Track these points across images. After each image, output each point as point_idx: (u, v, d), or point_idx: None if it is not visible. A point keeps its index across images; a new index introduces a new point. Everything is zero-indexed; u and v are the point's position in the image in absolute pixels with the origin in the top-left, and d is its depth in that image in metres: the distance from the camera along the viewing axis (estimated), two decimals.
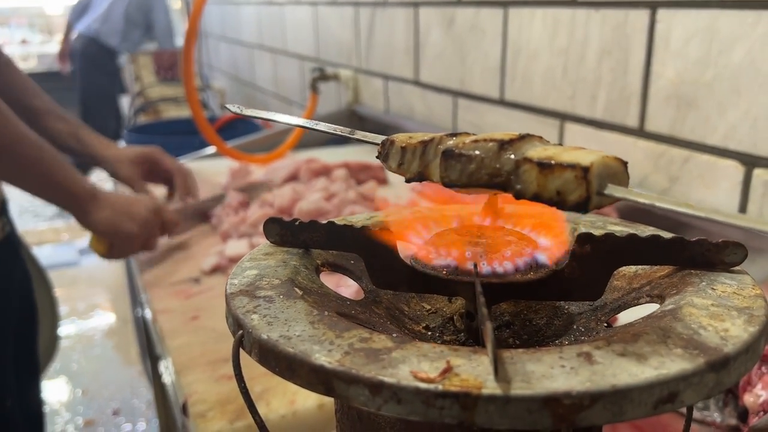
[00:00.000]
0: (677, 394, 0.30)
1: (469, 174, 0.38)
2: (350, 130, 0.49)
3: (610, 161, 0.35)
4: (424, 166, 0.41)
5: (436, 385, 0.30)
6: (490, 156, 0.38)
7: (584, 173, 0.34)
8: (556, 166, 0.35)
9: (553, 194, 0.35)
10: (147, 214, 1.20)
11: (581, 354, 0.32)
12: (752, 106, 0.95)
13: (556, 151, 0.36)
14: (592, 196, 0.35)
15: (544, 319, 0.44)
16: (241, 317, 0.37)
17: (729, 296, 0.38)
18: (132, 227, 1.18)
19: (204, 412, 0.76)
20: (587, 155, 0.35)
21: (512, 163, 0.37)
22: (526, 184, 0.36)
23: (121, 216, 1.18)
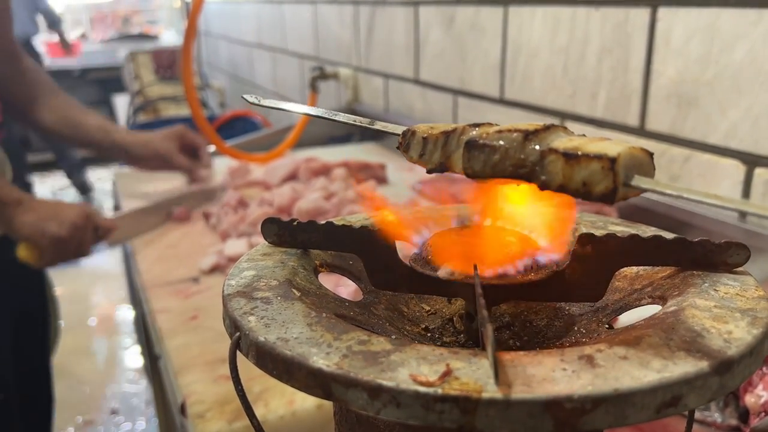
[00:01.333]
0: (680, 397, 0.30)
1: (493, 165, 0.38)
2: (370, 121, 0.48)
3: (637, 152, 0.35)
4: (446, 156, 0.41)
5: (436, 388, 0.29)
6: (514, 146, 0.37)
7: (611, 164, 0.34)
8: (583, 156, 0.34)
9: (579, 185, 0.35)
10: (75, 218, 1.18)
11: (583, 357, 0.31)
12: (753, 104, 0.95)
13: (581, 142, 0.36)
14: (618, 187, 0.34)
15: (545, 321, 0.43)
16: (239, 319, 0.36)
17: (732, 298, 0.37)
18: (58, 230, 1.16)
19: (202, 413, 0.75)
20: (614, 146, 0.34)
21: (537, 154, 0.36)
22: (552, 175, 0.36)
23: (47, 220, 1.16)
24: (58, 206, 1.20)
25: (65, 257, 1.21)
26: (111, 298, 3.55)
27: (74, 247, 1.20)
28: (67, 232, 1.17)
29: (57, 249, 1.18)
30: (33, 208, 1.17)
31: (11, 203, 1.15)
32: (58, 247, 1.18)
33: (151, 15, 7.14)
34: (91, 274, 3.81)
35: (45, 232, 1.16)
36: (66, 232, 1.17)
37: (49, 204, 1.20)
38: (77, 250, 1.21)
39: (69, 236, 1.17)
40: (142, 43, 5.36)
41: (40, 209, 1.17)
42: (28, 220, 1.16)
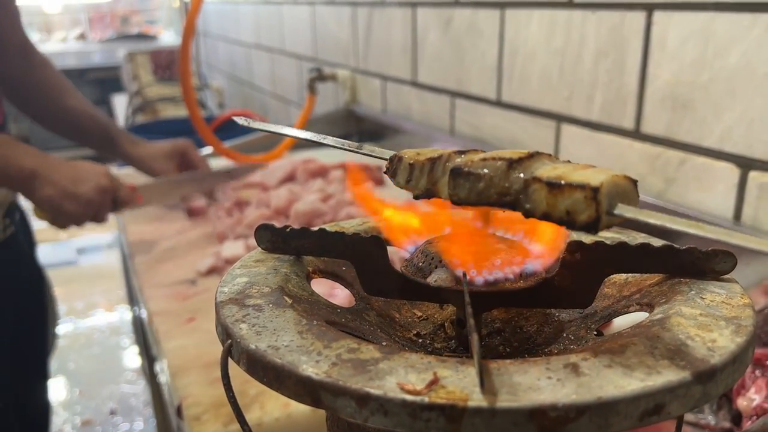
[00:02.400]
0: (663, 405, 0.30)
1: (477, 192, 0.38)
2: (358, 145, 0.48)
3: (620, 180, 0.35)
4: (432, 183, 0.41)
5: (422, 397, 0.30)
6: (498, 175, 0.37)
7: (594, 193, 0.34)
8: (566, 186, 0.35)
9: (563, 214, 0.35)
10: (92, 194, 1.20)
11: (568, 365, 0.32)
12: (748, 108, 0.95)
13: (565, 170, 0.36)
14: (602, 216, 0.34)
15: (535, 327, 0.44)
16: (230, 326, 0.37)
17: (718, 305, 0.38)
18: (74, 208, 1.19)
19: (198, 415, 0.76)
20: (597, 174, 0.35)
21: (521, 183, 0.37)
22: (536, 204, 0.36)
23: (64, 196, 1.18)
24: (77, 178, 1.21)
25: (81, 223, 1.25)
26: (110, 298, 3.55)
27: (91, 216, 1.23)
28: (83, 208, 1.20)
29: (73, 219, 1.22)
30: (50, 181, 1.18)
31: (25, 179, 1.17)
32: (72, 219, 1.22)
33: (150, 15, 7.13)
34: (90, 274, 3.82)
35: (61, 210, 1.19)
36: (82, 209, 1.20)
37: (67, 175, 1.20)
38: (94, 218, 1.24)
39: (85, 211, 1.21)
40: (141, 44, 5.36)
41: (57, 183, 1.18)
42: (44, 194, 1.17)
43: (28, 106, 1.49)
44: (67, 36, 6.41)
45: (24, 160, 1.18)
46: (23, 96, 1.47)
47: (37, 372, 1.71)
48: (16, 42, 1.41)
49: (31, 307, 1.58)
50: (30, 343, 1.60)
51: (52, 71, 1.50)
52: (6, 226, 1.37)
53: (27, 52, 1.44)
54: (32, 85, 1.46)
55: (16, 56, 1.41)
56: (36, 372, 1.70)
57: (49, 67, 1.50)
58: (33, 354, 1.64)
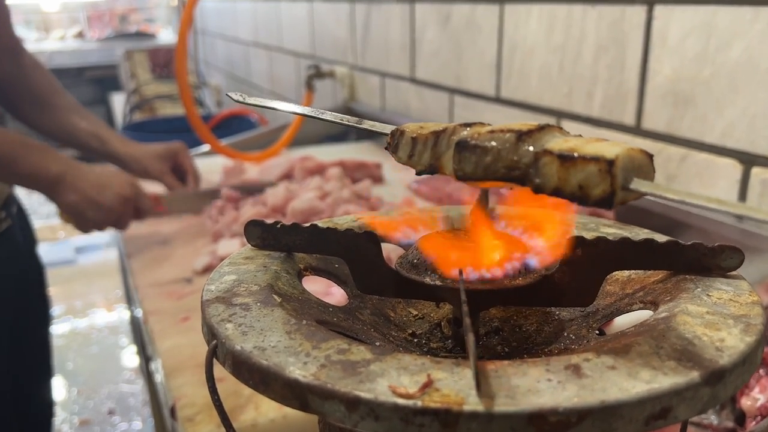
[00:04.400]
0: (670, 409, 0.29)
1: (484, 167, 0.36)
2: (358, 120, 0.46)
3: (636, 153, 0.33)
4: (436, 157, 0.39)
5: (415, 401, 0.28)
6: (507, 148, 0.36)
7: (609, 167, 0.32)
8: (579, 159, 0.33)
9: (575, 189, 0.33)
10: (115, 202, 1.22)
11: (569, 367, 0.30)
12: (750, 103, 0.94)
13: (577, 143, 0.34)
14: (617, 191, 0.32)
15: (534, 326, 0.42)
16: (216, 326, 0.35)
17: (725, 303, 0.36)
18: (97, 215, 1.21)
19: (192, 416, 0.74)
20: (611, 147, 0.33)
21: (531, 156, 0.35)
22: (546, 178, 0.34)
23: (87, 203, 1.20)
24: (102, 185, 1.22)
25: (103, 229, 1.27)
26: (108, 297, 3.53)
27: (112, 223, 1.25)
28: (105, 216, 1.22)
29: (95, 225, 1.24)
30: (74, 188, 1.20)
31: (51, 183, 1.19)
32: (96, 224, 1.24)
33: (148, 13, 7.12)
34: (88, 273, 3.80)
35: (84, 216, 1.21)
36: (104, 217, 1.22)
37: (92, 183, 1.22)
38: (116, 225, 1.26)
39: (107, 218, 1.23)
40: (139, 42, 5.34)
41: (82, 190, 1.20)
42: (68, 200, 1.20)
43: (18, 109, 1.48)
44: (65, 34, 6.39)
45: (52, 165, 1.19)
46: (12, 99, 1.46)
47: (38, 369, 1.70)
48: (5, 44, 1.40)
49: (29, 303, 1.57)
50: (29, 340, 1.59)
51: (42, 73, 1.48)
52: (2, 220, 1.36)
53: (16, 53, 1.42)
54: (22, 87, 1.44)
55: (5, 58, 1.39)
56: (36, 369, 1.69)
57: (39, 69, 1.48)
58: (32, 351, 1.63)
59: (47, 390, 1.74)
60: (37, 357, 1.66)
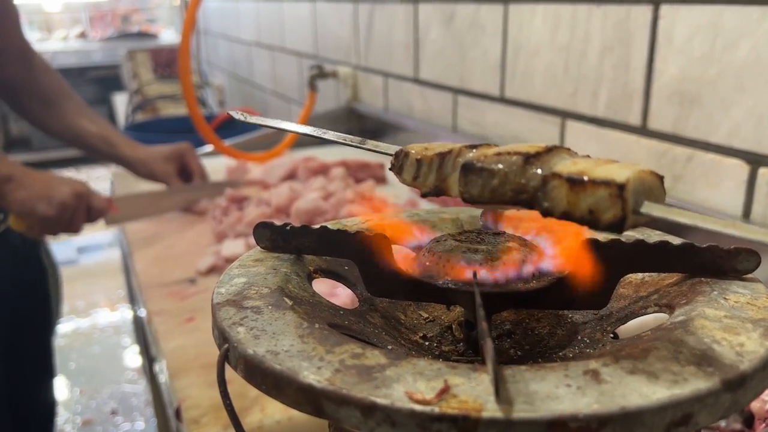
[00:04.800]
0: (691, 416, 0.28)
1: (491, 189, 0.35)
2: (360, 140, 0.46)
3: (647, 176, 0.33)
4: (441, 179, 0.39)
5: (433, 407, 0.28)
6: (514, 171, 0.35)
7: (619, 191, 0.31)
8: (589, 182, 0.32)
9: (585, 213, 0.33)
10: (66, 198, 1.19)
11: (588, 372, 0.30)
12: (757, 103, 0.93)
13: (587, 166, 0.33)
14: (628, 215, 0.32)
15: (547, 329, 0.42)
16: (227, 330, 0.35)
17: (742, 307, 0.36)
18: (47, 210, 1.17)
19: (197, 418, 0.74)
20: (621, 170, 0.32)
21: (539, 179, 0.34)
22: (555, 202, 0.34)
23: (37, 199, 1.17)
24: (51, 184, 1.20)
25: (54, 232, 1.23)
26: (110, 297, 3.53)
27: (64, 224, 1.21)
28: (56, 211, 1.18)
29: (46, 226, 1.20)
30: (24, 184, 1.17)
31: (2, 180, 1.16)
32: (47, 224, 1.19)
33: (150, 14, 7.12)
34: (90, 273, 3.80)
35: (34, 211, 1.17)
36: (55, 212, 1.18)
37: (41, 180, 1.19)
38: (67, 227, 1.22)
39: (58, 215, 1.18)
40: (141, 42, 5.34)
41: (31, 186, 1.17)
42: (19, 197, 1.16)
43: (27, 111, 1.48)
44: (67, 35, 6.39)
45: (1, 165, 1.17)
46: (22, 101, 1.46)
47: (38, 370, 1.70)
48: (15, 46, 1.40)
49: (28, 304, 1.57)
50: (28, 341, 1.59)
51: (51, 75, 1.49)
52: None
53: (26, 56, 1.43)
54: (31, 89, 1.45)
55: (15, 61, 1.40)
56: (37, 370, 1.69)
57: (49, 71, 1.49)
58: (32, 351, 1.63)
59: (48, 391, 1.74)
60: (37, 358, 1.66)
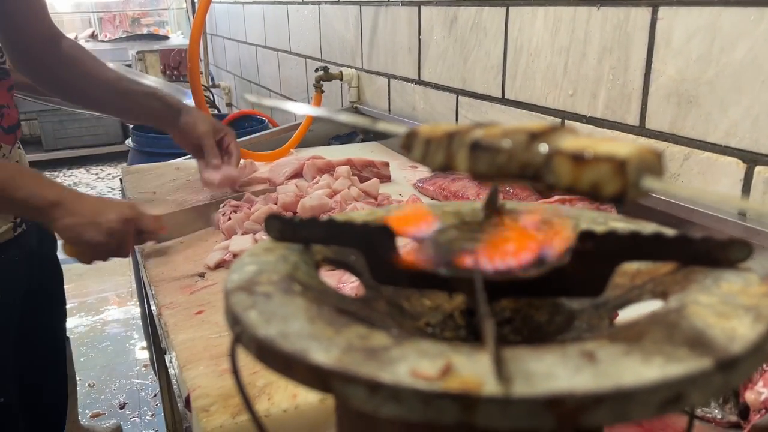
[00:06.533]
0: (684, 394, 0.29)
1: (498, 166, 0.37)
2: (372, 120, 0.47)
3: (647, 153, 0.34)
4: (450, 157, 0.40)
5: (436, 384, 0.29)
6: (520, 148, 0.36)
7: (621, 166, 0.33)
8: (592, 158, 0.34)
9: (588, 187, 0.34)
10: (115, 223, 1.16)
11: (584, 353, 0.31)
12: (754, 103, 0.95)
13: (589, 143, 0.35)
14: (629, 189, 0.33)
15: (546, 316, 0.43)
16: (239, 314, 0.36)
17: (735, 294, 0.37)
18: (96, 236, 1.15)
19: (207, 407, 0.75)
20: (623, 147, 0.34)
21: (544, 155, 0.36)
22: (560, 177, 0.35)
23: (85, 225, 1.15)
24: (99, 210, 1.17)
25: (104, 258, 1.21)
26: (120, 293, 3.56)
27: (114, 249, 1.18)
28: (105, 238, 1.15)
29: (96, 252, 1.18)
30: (73, 211, 1.14)
31: (49, 208, 1.14)
32: (97, 249, 1.17)
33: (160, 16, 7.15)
34: (99, 269, 3.82)
35: (81, 237, 1.15)
36: (104, 238, 1.15)
37: (90, 206, 1.17)
38: (117, 251, 1.20)
39: (107, 242, 1.16)
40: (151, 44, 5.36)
41: (80, 212, 1.15)
42: (68, 223, 1.14)
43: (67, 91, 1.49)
44: (77, 36, 6.40)
45: (48, 191, 1.15)
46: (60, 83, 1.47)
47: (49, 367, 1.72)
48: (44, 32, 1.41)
49: (40, 303, 1.59)
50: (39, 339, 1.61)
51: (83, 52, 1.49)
52: (17, 225, 1.37)
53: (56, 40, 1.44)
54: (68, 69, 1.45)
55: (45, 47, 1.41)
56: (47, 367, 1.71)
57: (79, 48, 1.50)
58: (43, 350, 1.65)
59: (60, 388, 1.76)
60: (48, 356, 1.68)
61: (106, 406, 2.64)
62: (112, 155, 5.99)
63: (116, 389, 2.74)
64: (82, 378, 2.74)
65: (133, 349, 3.05)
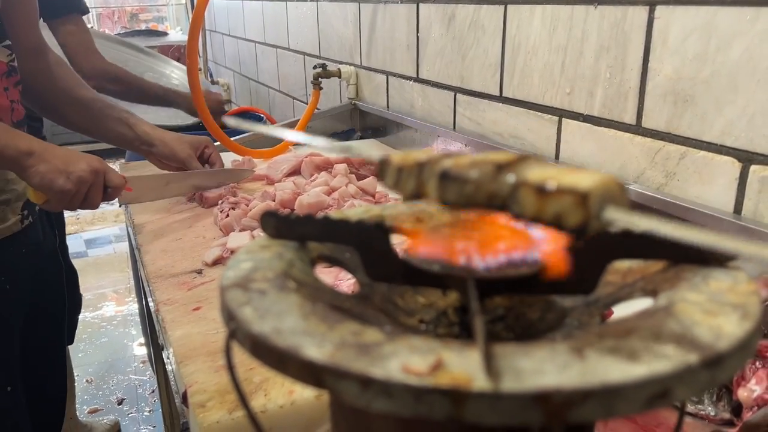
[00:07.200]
0: (669, 390, 0.30)
1: (466, 196, 0.38)
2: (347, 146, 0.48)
3: (609, 184, 0.35)
4: (420, 186, 0.41)
5: (427, 379, 0.30)
6: (487, 178, 0.37)
7: (583, 198, 0.34)
8: (555, 190, 0.35)
9: (552, 218, 0.35)
10: (84, 173, 1.21)
11: (573, 349, 0.31)
12: (749, 102, 0.95)
13: (554, 174, 0.36)
14: (591, 221, 0.34)
15: (538, 313, 0.44)
16: (234, 310, 0.37)
17: (723, 292, 0.38)
18: (66, 184, 1.19)
19: (203, 402, 0.76)
20: (586, 178, 0.34)
21: (510, 187, 0.36)
22: (524, 208, 0.36)
23: (56, 173, 1.19)
24: (69, 159, 1.22)
25: (71, 207, 1.25)
26: (118, 289, 3.57)
27: (80, 198, 1.23)
28: (74, 185, 1.20)
29: (64, 199, 1.22)
30: (44, 159, 1.19)
31: (22, 155, 1.18)
32: (65, 197, 1.21)
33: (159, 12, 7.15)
34: (97, 265, 3.84)
35: (53, 184, 1.19)
36: (73, 186, 1.20)
37: (60, 155, 1.22)
38: (84, 202, 1.24)
39: (76, 190, 1.21)
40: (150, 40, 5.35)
41: (51, 161, 1.19)
42: (39, 171, 1.18)
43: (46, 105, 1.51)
44: None
45: (20, 141, 1.19)
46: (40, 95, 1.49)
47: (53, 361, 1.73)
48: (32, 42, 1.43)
49: (48, 297, 1.61)
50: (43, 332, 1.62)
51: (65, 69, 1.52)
52: (24, 218, 1.39)
53: (41, 52, 1.47)
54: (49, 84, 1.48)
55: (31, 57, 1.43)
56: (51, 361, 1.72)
57: (63, 65, 1.53)
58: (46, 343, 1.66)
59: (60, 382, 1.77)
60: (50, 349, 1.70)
61: (104, 401, 2.65)
62: (110, 151, 5.98)
63: (114, 385, 2.75)
64: (80, 374, 2.75)
65: (131, 345, 3.06)
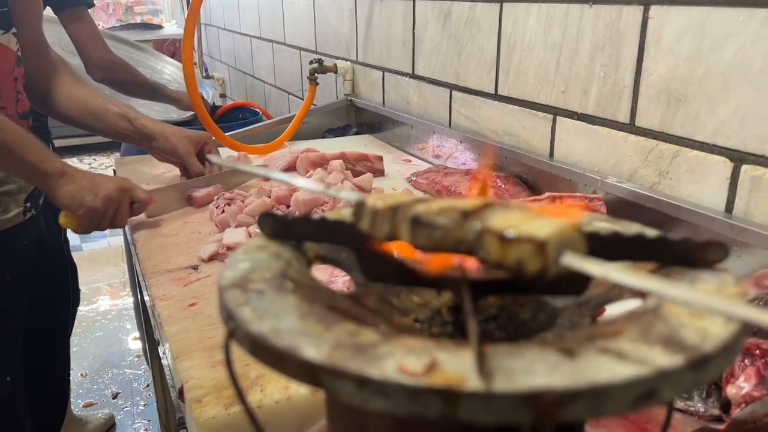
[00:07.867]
0: (656, 391, 0.31)
1: (435, 241, 0.39)
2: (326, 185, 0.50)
3: (566, 231, 0.36)
4: (394, 229, 0.42)
5: (421, 379, 0.30)
6: (454, 225, 0.38)
7: (541, 246, 0.35)
8: (515, 238, 0.36)
9: (514, 263, 0.36)
10: (111, 192, 1.25)
11: (562, 350, 0.32)
12: (742, 102, 0.96)
13: (516, 221, 0.37)
14: (550, 267, 0.35)
15: (530, 313, 0.45)
16: (233, 310, 0.38)
17: (710, 294, 0.38)
18: (94, 202, 1.23)
19: (200, 398, 0.76)
20: (545, 226, 0.36)
21: (475, 233, 0.38)
22: (489, 253, 0.37)
23: (85, 191, 1.23)
24: (97, 179, 1.26)
25: (101, 227, 1.28)
26: (113, 283, 3.57)
27: (109, 217, 1.27)
28: (102, 204, 1.24)
29: (92, 219, 1.25)
30: (74, 179, 1.24)
31: (56, 174, 1.23)
32: (93, 216, 1.25)
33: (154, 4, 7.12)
34: (93, 259, 3.84)
35: (82, 203, 1.23)
36: (101, 204, 1.24)
37: (89, 176, 1.26)
38: (113, 220, 1.28)
39: (104, 208, 1.24)
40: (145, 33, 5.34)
41: (80, 181, 1.24)
42: (69, 190, 1.23)
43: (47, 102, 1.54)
44: None
45: (55, 160, 1.25)
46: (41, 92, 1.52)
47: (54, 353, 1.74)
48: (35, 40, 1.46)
49: (50, 289, 1.62)
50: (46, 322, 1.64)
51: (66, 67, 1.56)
52: (27, 210, 1.41)
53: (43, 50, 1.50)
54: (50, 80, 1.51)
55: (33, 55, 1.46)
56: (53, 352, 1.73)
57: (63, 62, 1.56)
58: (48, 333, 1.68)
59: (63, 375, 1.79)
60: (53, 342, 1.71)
61: (99, 395, 2.66)
62: (105, 145, 5.99)
63: (109, 379, 2.76)
64: (75, 368, 2.76)
65: (125, 339, 3.06)
